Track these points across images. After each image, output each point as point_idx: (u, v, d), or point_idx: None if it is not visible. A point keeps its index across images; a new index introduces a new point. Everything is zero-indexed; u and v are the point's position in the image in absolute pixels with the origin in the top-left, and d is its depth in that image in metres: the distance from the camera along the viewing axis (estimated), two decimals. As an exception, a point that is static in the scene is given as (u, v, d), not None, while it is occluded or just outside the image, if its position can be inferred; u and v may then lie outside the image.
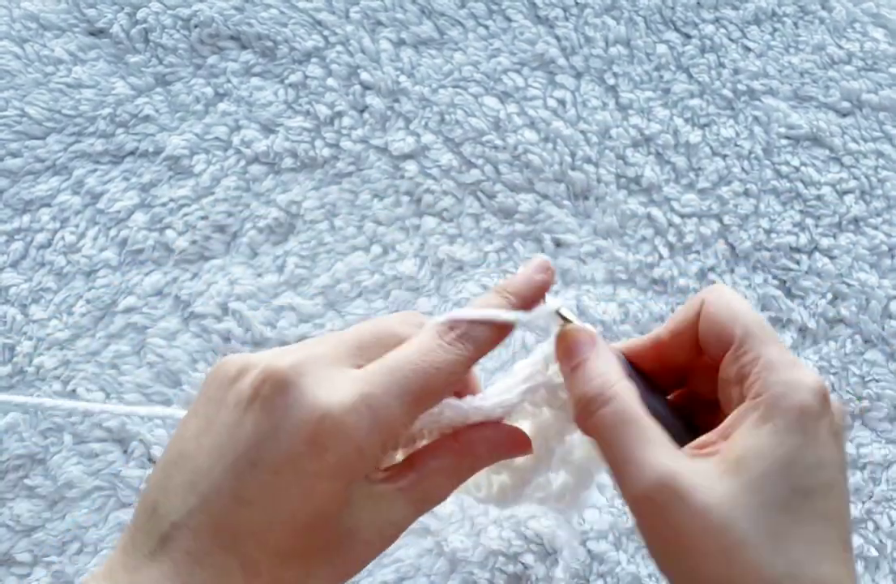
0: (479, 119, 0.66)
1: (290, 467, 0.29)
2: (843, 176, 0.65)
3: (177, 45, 0.67)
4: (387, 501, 0.32)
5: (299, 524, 0.30)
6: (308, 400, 0.30)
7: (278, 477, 0.29)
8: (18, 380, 0.60)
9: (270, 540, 0.29)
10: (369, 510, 0.32)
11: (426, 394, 0.32)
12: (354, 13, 0.68)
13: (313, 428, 0.29)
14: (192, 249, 0.63)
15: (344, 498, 0.31)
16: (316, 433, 0.29)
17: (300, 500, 0.30)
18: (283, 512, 0.30)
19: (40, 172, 0.65)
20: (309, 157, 0.65)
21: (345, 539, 0.31)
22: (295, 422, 0.30)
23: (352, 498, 0.31)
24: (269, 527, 0.29)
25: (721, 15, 0.69)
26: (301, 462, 0.29)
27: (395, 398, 0.31)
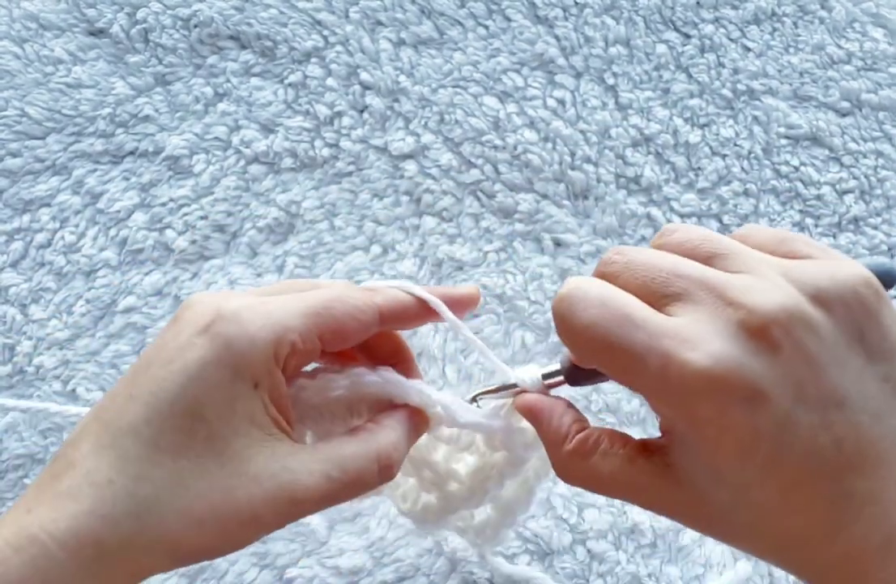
0: (479, 119, 0.66)
1: (179, 357, 0.30)
2: (842, 176, 0.65)
3: (177, 45, 0.67)
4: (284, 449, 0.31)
5: (177, 414, 0.30)
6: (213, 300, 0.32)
7: (167, 369, 0.30)
8: (18, 380, 0.60)
9: (144, 432, 0.29)
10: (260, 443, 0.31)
11: (327, 316, 0.33)
12: (354, 13, 0.68)
13: (209, 318, 0.31)
14: (191, 249, 0.63)
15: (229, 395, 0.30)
16: (210, 323, 0.31)
17: (181, 388, 0.30)
18: (163, 402, 0.30)
19: (40, 172, 0.65)
20: (309, 157, 0.65)
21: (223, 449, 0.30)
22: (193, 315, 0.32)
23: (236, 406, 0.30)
24: (146, 419, 0.30)
25: (721, 15, 0.69)
26: (191, 350, 0.30)
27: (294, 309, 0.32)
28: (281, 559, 0.56)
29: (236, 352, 0.30)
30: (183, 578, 0.55)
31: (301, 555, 0.56)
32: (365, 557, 0.56)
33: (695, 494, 0.28)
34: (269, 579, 0.55)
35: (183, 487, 0.29)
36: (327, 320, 0.33)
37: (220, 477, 0.29)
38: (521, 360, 0.61)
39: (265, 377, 0.31)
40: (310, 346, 0.32)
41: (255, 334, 0.31)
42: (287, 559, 0.56)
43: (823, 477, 0.25)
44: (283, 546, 0.56)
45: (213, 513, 0.29)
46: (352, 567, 0.56)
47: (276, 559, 0.56)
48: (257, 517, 0.30)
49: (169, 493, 0.29)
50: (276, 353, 0.31)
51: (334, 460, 0.31)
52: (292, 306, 0.33)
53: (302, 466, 0.31)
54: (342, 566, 0.56)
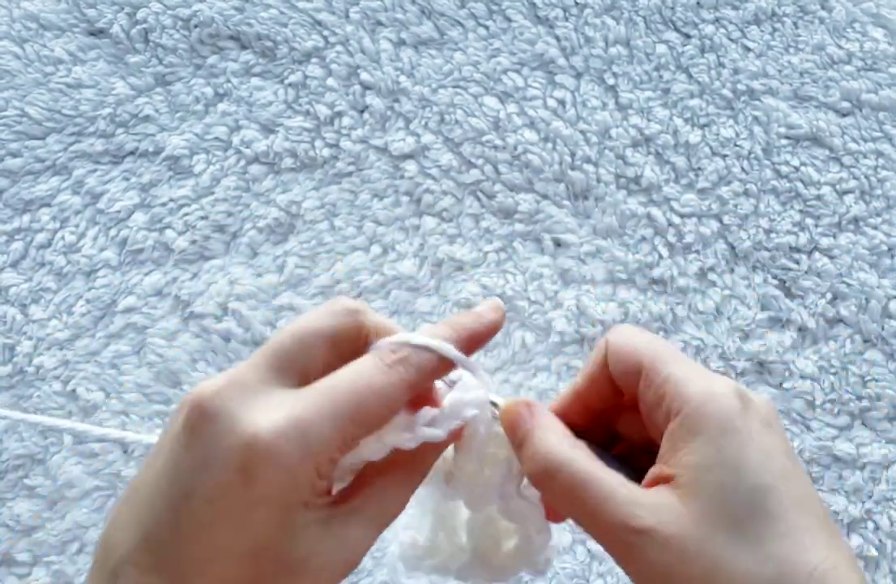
0: (479, 119, 0.66)
1: (222, 497, 0.29)
2: (842, 176, 0.65)
3: (177, 45, 0.67)
4: (339, 524, 0.31)
5: (240, 554, 0.29)
6: (235, 426, 0.29)
7: (212, 507, 0.29)
8: (18, 380, 0.60)
9: (213, 572, 0.29)
10: (319, 536, 0.30)
11: (361, 416, 0.31)
12: (354, 13, 0.68)
13: (242, 455, 0.29)
14: (191, 249, 0.63)
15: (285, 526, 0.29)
16: (245, 460, 0.29)
17: (236, 530, 0.29)
18: (221, 543, 0.29)
19: (40, 172, 0.65)
20: (309, 157, 0.65)
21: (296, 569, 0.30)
22: (224, 449, 0.29)
23: (295, 526, 0.30)
24: (210, 559, 0.29)
25: (721, 15, 0.69)
26: (233, 491, 0.29)
27: (327, 421, 0.30)
28: (281, 559, 0.56)
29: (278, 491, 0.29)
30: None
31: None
32: (365, 557, 0.56)
33: None
34: (270, 579, 0.55)
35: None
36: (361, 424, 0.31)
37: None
38: (521, 360, 0.61)
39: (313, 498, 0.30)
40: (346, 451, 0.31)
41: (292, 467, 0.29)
42: (287, 559, 0.56)
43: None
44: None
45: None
46: (352, 567, 0.56)
47: (277, 559, 0.56)
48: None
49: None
50: (319, 472, 0.30)
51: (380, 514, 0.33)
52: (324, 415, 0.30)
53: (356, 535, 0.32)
54: (342, 566, 0.56)
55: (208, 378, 0.33)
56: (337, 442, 0.30)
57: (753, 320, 0.62)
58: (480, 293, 0.62)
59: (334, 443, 0.30)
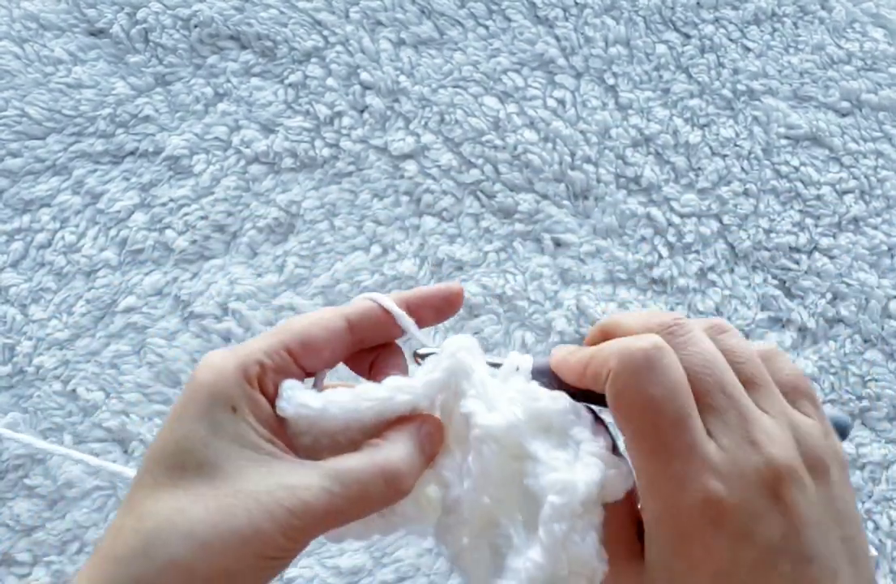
0: (479, 119, 0.66)
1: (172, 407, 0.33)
2: (842, 176, 0.65)
3: (177, 45, 0.67)
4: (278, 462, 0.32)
5: (168, 456, 0.32)
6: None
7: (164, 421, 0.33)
8: (18, 380, 0.60)
9: (147, 480, 0.32)
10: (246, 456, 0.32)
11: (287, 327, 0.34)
12: (354, 13, 0.68)
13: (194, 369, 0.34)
14: (191, 249, 0.63)
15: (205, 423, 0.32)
16: (193, 371, 0.33)
17: (169, 433, 0.32)
18: (156, 451, 0.32)
19: (40, 172, 0.65)
20: (309, 157, 0.65)
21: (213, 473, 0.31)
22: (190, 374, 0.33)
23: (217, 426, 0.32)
24: (147, 469, 0.32)
25: (721, 15, 0.69)
26: (179, 398, 0.33)
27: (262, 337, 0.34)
28: (281, 559, 0.56)
29: (205, 385, 0.32)
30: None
31: (301, 555, 0.56)
32: (365, 557, 0.56)
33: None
34: (270, 579, 0.55)
35: (181, 513, 0.30)
36: (289, 333, 0.34)
37: (215, 499, 0.31)
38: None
39: (241, 400, 0.32)
40: (279, 360, 0.34)
41: (218, 363, 0.33)
42: (287, 559, 0.56)
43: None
44: (284, 546, 0.56)
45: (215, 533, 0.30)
46: (352, 567, 0.56)
47: (277, 559, 0.56)
48: (259, 533, 0.30)
49: (169, 522, 0.30)
50: (246, 375, 0.33)
51: (334, 475, 0.32)
52: (258, 336, 0.35)
53: (300, 481, 0.31)
54: (342, 566, 0.56)
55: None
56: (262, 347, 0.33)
57: (753, 320, 0.62)
58: (480, 293, 0.62)
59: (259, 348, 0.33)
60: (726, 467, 0.29)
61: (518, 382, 0.34)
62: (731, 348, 0.32)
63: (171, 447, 0.32)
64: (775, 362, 0.33)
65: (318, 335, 0.34)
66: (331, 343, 0.35)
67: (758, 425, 0.30)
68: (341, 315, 0.35)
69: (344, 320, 0.35)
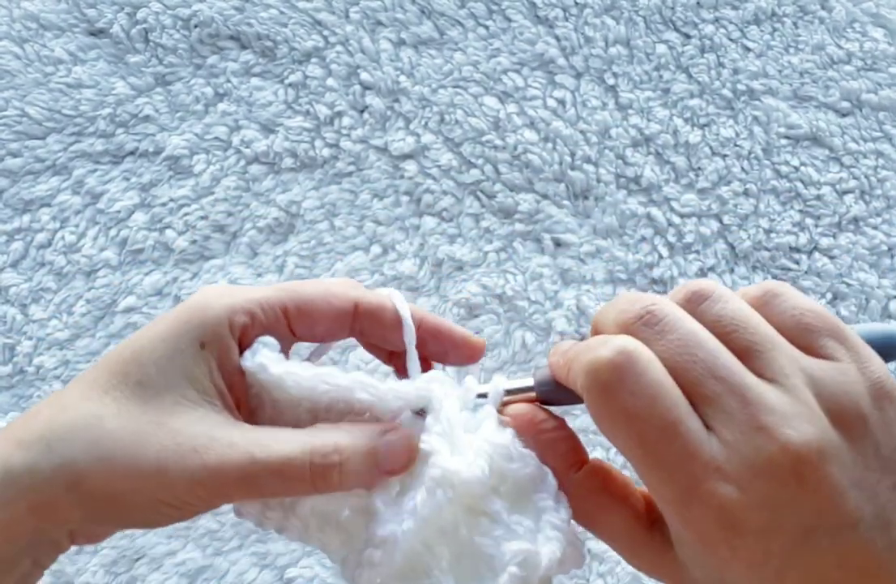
0: (479, 119, 0.66)
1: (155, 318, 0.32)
2: (842, 176, 0.65)
3: (177, 45, 0.67)
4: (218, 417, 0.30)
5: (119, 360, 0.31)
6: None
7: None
8: (19, 380, 0.60)
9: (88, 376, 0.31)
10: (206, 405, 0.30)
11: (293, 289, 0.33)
12: (354, 13, 0.68)
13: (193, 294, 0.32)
14: (192, 249, 0.63)
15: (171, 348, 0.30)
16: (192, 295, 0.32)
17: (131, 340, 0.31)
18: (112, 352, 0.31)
19: (40, 172, 0.65)
20: (309, 157, 0.65)
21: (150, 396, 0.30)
22: None
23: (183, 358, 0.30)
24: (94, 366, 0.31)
25: (721, 15, 0.69)
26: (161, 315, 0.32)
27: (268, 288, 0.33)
28: (281, 559, 0.56)
29: (189, 312, 0.31)
30: (183, 578, 0.55)
31: (301, 555, 0.56)
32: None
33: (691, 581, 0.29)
34: (270, 579, 0.55)
35: (99, 419, 0.29)
36: (293, 295, 0.32)
37: (137, 421, 0.29)
38: (521, 360, 0.61)
39: (214, 340, 0.31)
40: (271, 316, 0.32)
41: (210, 298, 0.31)
42: (287, 559, 0.56)
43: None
44: (284, 546, 0.56)
45: (121, 453, 0.29)
46: (352, 567, 0.56)
47: (277, 559, 0.56)
48: (161, 473, 0.28)
49: (84, 424, 0.29)
50: (232, 319, 0.31)
51: (263, 442, 0.30)
52: (266, 286, 0.33)
53: (226, 437, 0.29)
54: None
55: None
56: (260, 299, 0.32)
57: (753, 320, 0.62)
58: (480, 293, 0.62)
59: (257, 299, 0.32)
60: (733, 466, 0.26)
61: (490, 430, 0.31)
62: (716, 317, 0.28)
63: (125, 354, 0.31)
64: (774, 306, 0.29)
65: (320, 307, 0.33)
66: (329, 319, 0.33)
67: (763, 405, 0.26)
68: (352, 298, 0.33)
69: (352, 304, 0.33)
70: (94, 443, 0.29)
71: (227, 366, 0.31)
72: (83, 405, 0.30)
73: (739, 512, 0.26)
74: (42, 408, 0.30)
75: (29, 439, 0.29)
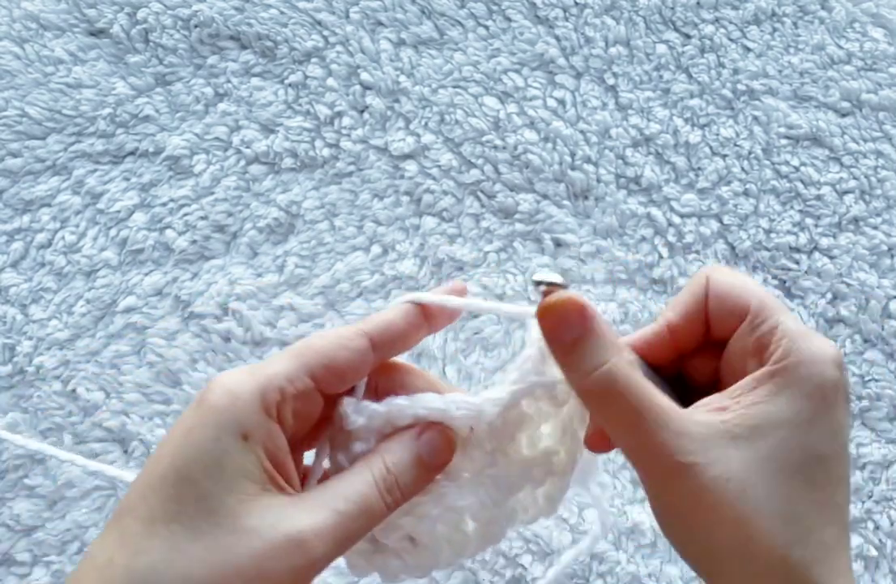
0: (479, 119, 0.66)
1: (172, 433, 0.31)
2: (842, 176, 0.65)
3: (177, 45, 0.67)
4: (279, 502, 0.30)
5: (168, 485, 0.29)
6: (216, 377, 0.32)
7: (161, 447, 0.31)
8: (19, 380, 0.60)
9: (141, 509, 0.29)
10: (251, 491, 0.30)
11: (309, 351, 0.32)
12: (354, 13, 0.68)
13: (203, 392, 0.31)
14: (192, 249, 0.63)
15: (210, 449, 0.30)
16: (204, 389, 0.31)
17: (170, 459, 0.30)
18: (154, 477, 0.30)
19: (40, 172, 0.65)
20: (309, 157, 0.65)
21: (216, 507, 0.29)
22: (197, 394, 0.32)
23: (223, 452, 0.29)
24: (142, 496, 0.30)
25: (721, 15, 0.69)
26: (184, 419, 0.30)
27: (283, 358, 0.32)
28: (281, 559, 0.56)
29: (219, 409, 0.30)
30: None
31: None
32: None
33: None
34: (270, 579, 0.55)
35: (178, 552, 0.28)
36: (312, 357, 0.32)
37: (215, 536, 0.28)
38: (522, 360, 0.61)
39: (255, 429, 0.30)
40: (301, 386, 0.31)
41: (234, 387, 0.30)
42: (287, 559, 0.56)
43: None
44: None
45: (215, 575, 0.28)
46: (352, 567, 0.55)
47: (277, 559, 0.56)
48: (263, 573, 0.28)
49: (165, 561, 0.28)
50: (265, 402, 0.30)
51: (336, 495, 0.30)
52: (276, 356, 0.32)
53: (303, 510, 0.29)
54: (342, 566, 0.55)
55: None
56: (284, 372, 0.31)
57: (753, 320, 0.62)
58: (481, 293, 0.62)
59: (281, 373, 0.31)
60: None
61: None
62: None
63: (171, 476, 0.29)
64: None
65: (343, 358, 0.32)
66: (355, 365, 0.33)
67: None
68: (363, 333, 0.33)
69: (366, 339, 0.33)
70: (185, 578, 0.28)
71: (274, 448, 0.31)
72: (155, 544, 0.28)
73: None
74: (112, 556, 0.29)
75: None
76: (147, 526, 0.29)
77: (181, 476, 0.29)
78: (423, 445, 0.33)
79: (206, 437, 0.30)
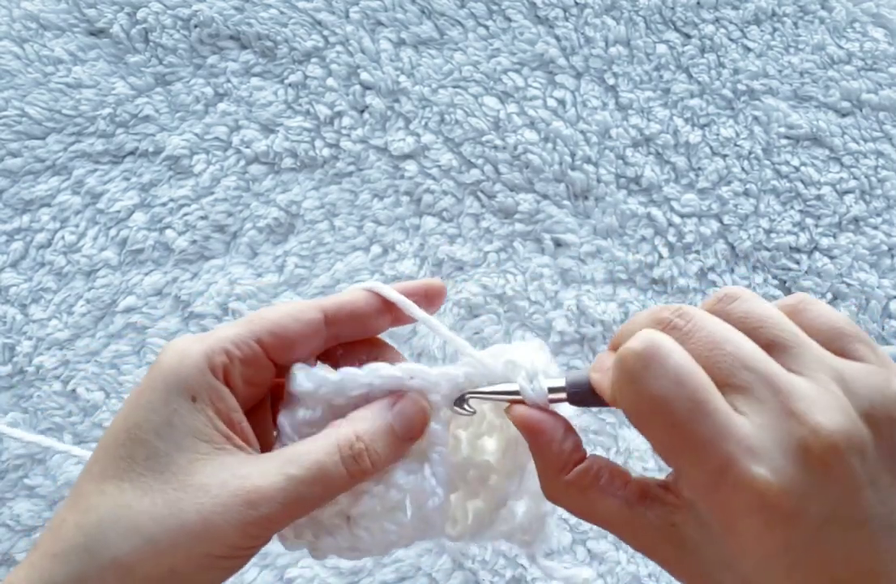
0: (479, 119, 0.66)
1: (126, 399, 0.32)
2: (843, 176, 0.65)
3: (177, 45, 0.67)
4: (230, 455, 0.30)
5: (119, 445, 0.30)
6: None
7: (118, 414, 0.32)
8: (18, 380, 0.60)
9: (94, 470, 0.30)
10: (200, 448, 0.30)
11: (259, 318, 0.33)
12: (354, 13, 0.68)
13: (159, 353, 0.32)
14: (192, 249, 0.63)
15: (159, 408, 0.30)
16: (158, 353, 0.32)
17: (122, 421, 0.31)
18: (107, 438, 0.31)
19: (40, 172, 0.65)
20: (309, 157, 0.65)
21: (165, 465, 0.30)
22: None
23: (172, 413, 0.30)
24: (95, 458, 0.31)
25: (721, 15, 0.69)
26: (139, 383, 0.31)
27: (233, 325, 0.33)
28: (281, 559, 0.56)
29: (167, 371, 0.31)
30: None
31: (301, 555, 0.56)
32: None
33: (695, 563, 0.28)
34: (270, 579, 0.55)
35: (127, 508, 0.29)
36: (261, 323, 0.32)
37: (163, 492, 0.29)
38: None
39: (203, 390, 0.31)
40: (248, 351, 0.32)
41: (183, 349, 0.31)
42: (287, 559, 0.56)
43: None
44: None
45: (162, 529, 0.28)
46: (352, 567, 0.56)
47: (277, 559, 0.56)
48: (210, 528, 0.28)
49: (114, 517, 0.29)
50: (211, 364, 0.31)
51: (290, 459, 0.30)
52: (228, 323, 0.33)
53: (255, 470, 0.30)
54: (342, 566, 0.56)
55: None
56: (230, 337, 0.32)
57: (753, 320, 0.62)
58: (481, 293, 0.62)
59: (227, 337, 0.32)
60: (765, 447, 0.26)
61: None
62: (743, 314, 0.29)
63: (122, 436, 0.30)
64: (807, 313, 0.29)
65: (292, 327, 0.33)
66: (304, 336, 0.33)
67: (794, 393, 0.26)
68: (318, 307, 0.34)
69: (320, 313, 0.33)
70: (132, 531, 0.28)
71: (224, 408, 0.31)
72: (104, 501, 0.29)
73: (772, 496, 0.25)
74: (65, 516, 0.30)
75: (64, 550, 0.29)
76: (97, 485, 0.30)
77: (131, 436, 0.30)
78: (397, 414, 0.33)
79: (156, 398, 0.30)
